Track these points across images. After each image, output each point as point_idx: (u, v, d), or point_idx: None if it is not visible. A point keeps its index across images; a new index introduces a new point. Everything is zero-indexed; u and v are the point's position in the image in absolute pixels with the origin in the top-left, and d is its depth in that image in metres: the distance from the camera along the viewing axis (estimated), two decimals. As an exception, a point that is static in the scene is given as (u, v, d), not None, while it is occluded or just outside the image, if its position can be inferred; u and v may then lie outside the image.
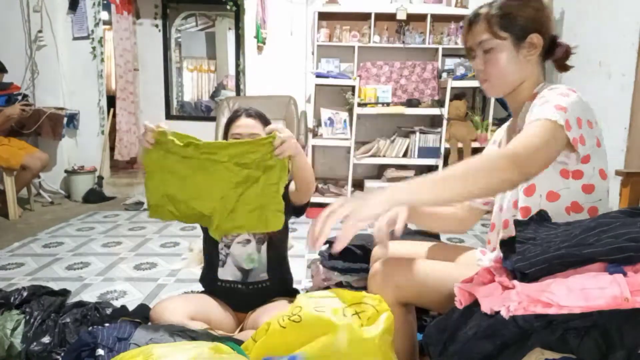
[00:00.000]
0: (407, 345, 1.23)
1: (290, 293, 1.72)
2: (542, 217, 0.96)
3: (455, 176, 0.90)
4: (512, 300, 0.76)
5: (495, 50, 1.13)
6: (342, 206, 0.88)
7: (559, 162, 1.06)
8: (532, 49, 1.12)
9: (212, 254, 1.68)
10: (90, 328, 1.52)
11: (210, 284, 1.67)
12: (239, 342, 1.32)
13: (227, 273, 1.64)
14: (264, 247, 1.63)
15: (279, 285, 1.67)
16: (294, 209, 1.65)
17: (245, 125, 1.57)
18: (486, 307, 0.80)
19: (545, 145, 0.94)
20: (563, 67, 1.19)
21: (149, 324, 1.53)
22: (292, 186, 1.60)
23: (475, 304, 0.84)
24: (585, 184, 1.07)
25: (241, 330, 1.62)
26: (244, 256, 1.64)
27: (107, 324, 1.56)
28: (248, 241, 1.64)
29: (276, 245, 1.66)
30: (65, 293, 1.88)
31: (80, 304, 1.78)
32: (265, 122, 1.61)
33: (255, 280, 1.63)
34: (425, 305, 1.28)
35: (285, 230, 1.68)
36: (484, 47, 1.14)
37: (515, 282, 0.80)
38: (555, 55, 1.17)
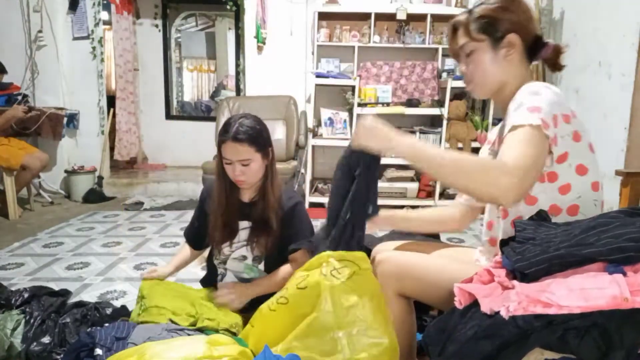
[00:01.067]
0: (405, 341, 1.23)
1: None
2: (541, 217, 0.96)
3: (452, 169, 0.96)
4: (512, 300, 0.76)
5: (475, 52, 1.18)
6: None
7: None
8: (511, 49, 1.16)
9: (212, 267, 1.71)
10: (89, 329, 1.53)
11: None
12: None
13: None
14: (261, 265, 1.64)
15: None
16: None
17: (234, 151, 1.48)
18: (486, 307, 0.80)
19: (535, 160, 0.95)
20: (555, 66, 1.22)
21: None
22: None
23: (475, 304, 0.84)
24: (561, 185, 1.06)
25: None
26: (242, 267, 1.64)
27: (106, 324, 1.57)
28: (244, 257, 1.63)
29: (275, 263, 1.63)
30: (65, 294, 1.88)
31: (80, 304, 1.78)
32: (256, 142, 1.50)
33: None
34: (424, 300, 1.29)
35: (283, 253, 1.65)
36: (465, 51, 1.20)
37: (515, 282, 0.80)
38: (542, 55, 1.20)
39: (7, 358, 1.51)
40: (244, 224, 1.62)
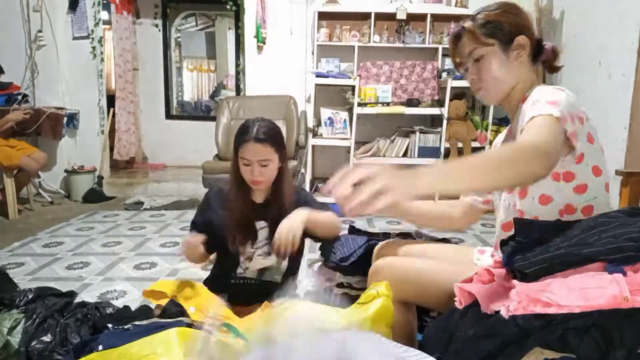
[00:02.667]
0: (405, 342, 1.23)
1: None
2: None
3: (485, 166, 0.85)
4: (512, 299, 0.76)
5: (485, 57, 1.16)
6: (373, 180, 0.78)
7: None
8: (521, 50, 1.15)
9: (229, 262, 1.68)
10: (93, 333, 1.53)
11: (221, 282, 1.68)
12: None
13: (247, 273, 1.67)
14: (285, 263, 1.68)
15: (288, 285, 1.69)
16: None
17: (255, 152, 1.49)
18: (486, 306, 0.80)
19: (554, 138, 0.93)
20: (553, 68, 1.22)
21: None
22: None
23: (475, 304, 0.84)
24: (577, 185, 1.07)
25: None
26: (267, 264, 1.67)
27: (109, 325, 1.57)
28: (268, 254, 1.65)
29: (296, 259, 1.70)
30: (71, 294, 1.86)
31: (83, 305, 1.78)
32: (276, 142, 1.52)
33: (269, 279, 1.67)
34: (424, 304, 1.29)
35: (301, 247, 1.69)
36: (473, 57, 1.17)
37: (515, 281, 0.80)
38: (543, 57, 1.20)
39: (7, 357, 1.51)
40: (261, 224, 1.63)
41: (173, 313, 1.45)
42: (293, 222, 1.46)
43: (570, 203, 1.07)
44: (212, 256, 1.77)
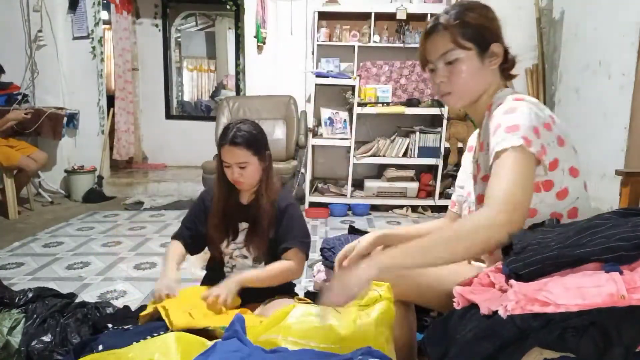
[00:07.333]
0: (405, 341, 1.24)
1: (290, 292, 1.73)
2: (537, 225, 0.97)
3: (437, 243, 0.97)
4: (510, 299, 0.77)
5: (460, 61, 1.10)
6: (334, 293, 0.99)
7: None
8: (495, 59, 1.12)
9: (216, 261, 1.71)
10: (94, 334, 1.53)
11: (215, 281, 1.68)
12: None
13: (234, 272, 1.66)
14: (261, 266, 1.66)
15: (280, 286, 1.68)
16: None
17: (231, 155, 1.55)
18: (484, 308, 0.80)
19: (523, 183, 0.95)
20: (509, 76, 1.19)
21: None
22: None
23: (474, 306, 0.84)
24: (558, 191, 1.05)
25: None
26: (248, 263, 1.67)
27: (109, 325, 1.57)
28: (245, 257, 1.66)
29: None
30: (71, 296, 1.87)
31: (82, 305, 1.78)
32: (253, 146, 1.55)
33: None
34: (423, 303, 1.29)
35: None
36: (447, 59, 1.11)
37: (512, 281, 0.81)
38: (507, 64, 1.17)
39: (6, 357, 1.51)
40: (244, 225, 1.66)
41: None
42: (230, 284, 1.49)
43: (555, 211, 1.06)
44: (207, 255, 1.78)
